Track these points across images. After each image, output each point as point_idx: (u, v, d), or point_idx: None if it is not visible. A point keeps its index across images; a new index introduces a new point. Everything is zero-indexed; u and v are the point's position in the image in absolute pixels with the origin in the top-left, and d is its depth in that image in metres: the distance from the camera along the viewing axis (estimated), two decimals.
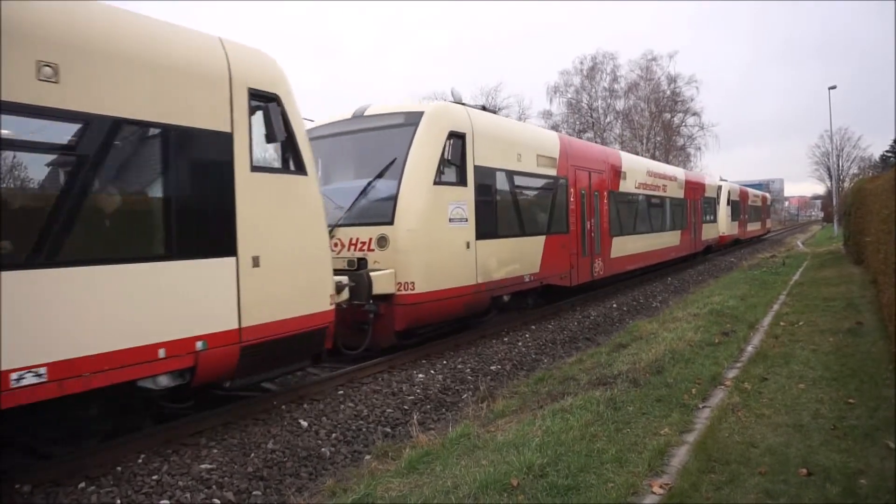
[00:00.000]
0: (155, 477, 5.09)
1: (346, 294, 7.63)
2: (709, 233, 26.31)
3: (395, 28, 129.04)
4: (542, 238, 11.91)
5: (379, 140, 9.38)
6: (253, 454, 5.65)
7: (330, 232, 7.99)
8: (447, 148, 9.18)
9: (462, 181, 9.56)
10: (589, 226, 14.16)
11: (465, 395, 7.70)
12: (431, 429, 6.53)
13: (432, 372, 8.48)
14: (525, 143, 11.66)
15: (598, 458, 4.52)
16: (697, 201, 24.35)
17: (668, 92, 51.31)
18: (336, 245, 8.76)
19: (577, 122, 51.26)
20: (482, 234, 9.81)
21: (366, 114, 9.82)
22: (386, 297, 8.51)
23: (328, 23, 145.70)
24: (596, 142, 46.92)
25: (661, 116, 50.81)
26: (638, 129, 50.78)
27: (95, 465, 5.17)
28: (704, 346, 8.23)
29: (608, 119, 51.89)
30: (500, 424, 5.92)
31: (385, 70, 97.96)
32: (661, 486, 4.03)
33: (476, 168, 9.80)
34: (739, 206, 34.08)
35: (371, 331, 8.42)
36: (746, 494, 3.86)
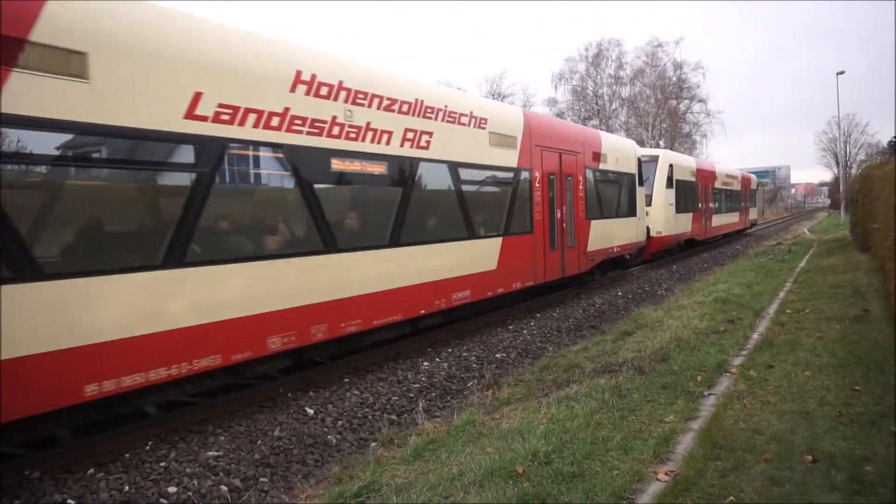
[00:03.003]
0: (163, 464, 5.14)
1: None
2: (614, 236, 14.78)
3: (399, 18, 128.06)
4: None
5: None
6: (259, 441, 5.69)
7: None
8: None
9: None
10: None
11: (471, 383, 7.73)
12: (437, 416, 6.55)
13: (437, 360, 8.50)
14: None
15: (603, 446, 4.53)
16: (575, 179, 12.84)
17: (674, 78, 50.94)
18: None
19: (583, 110, 50.98)
20: None
21: None
22: None
23: (334, 16, 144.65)
24: (600, 129, 46.63)
25: (666, 103, 50.40)
26: (643, 116, 50.40)
27: (104, 452, 5.22)
28: (710, 334, 8.22)
29: (613, 106, 51.59)
30: (506, 412, 5.93)
31: (389, 57, 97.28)
32: (666, 473, 4.03)
33: None
34: (696, 191, 23.02)
35: None
36: (752, 481, 3.86)
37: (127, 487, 4.79)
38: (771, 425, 4.78)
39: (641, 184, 16.61)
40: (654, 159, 19.57)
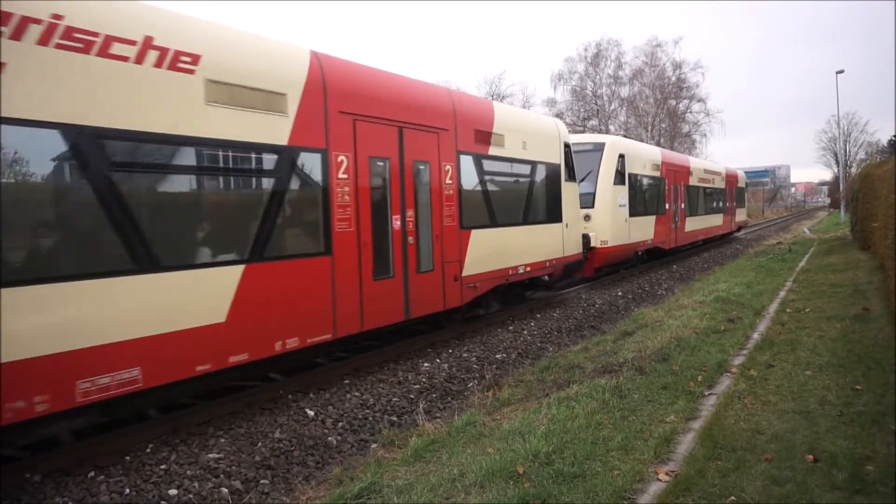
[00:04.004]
0: (163, 466, 5.14)
1: None
2: (518, 251, 10.68)
3: (399, 18, 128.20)
4: None
5: None
6: (260, 443, 5.69)
7: None
8: None
9: None
10: None
11: (471, 384, 7.72)
12: (437, 417, 6.55)
13: (438, 361, 8.50)
14: None
15: (603, 446, 4.53)
16: (436, 169, 8.74)
17: (674, 78, 50.86)
18: None
19: (582, 110, 50.94)
20: None
21: None
22: None
23: (335, 16, 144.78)
24: (600, 130, 46.60)
25: (666, 103, 50.36)
26: (643, 116, 50.37)
27: (104, 454, 5.22)
28: (710, 334, 8.21)
29: (613, 106, 51.51)
30: (506, 413, 5.93)
31: (389, 57, 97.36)
32: (667, 474, 4.03)
33: None
34: (661, 189, 19.11)
35: None
36: (753, 481, 3.86)
37: (128, 490, 4.78)
38: (772, 425, 4.78)
39: (573, 178, 12.72)
40: (599, 147, 15.35)
